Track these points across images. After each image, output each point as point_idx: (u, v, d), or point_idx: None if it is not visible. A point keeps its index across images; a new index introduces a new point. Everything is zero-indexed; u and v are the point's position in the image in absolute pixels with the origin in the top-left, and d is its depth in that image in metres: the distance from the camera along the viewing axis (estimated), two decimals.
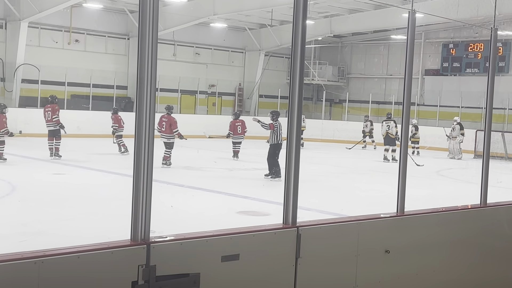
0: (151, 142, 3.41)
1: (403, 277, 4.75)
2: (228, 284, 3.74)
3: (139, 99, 3.39)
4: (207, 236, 3.69)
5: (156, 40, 3.40)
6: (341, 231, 4.39)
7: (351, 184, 14.80)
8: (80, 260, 3.18)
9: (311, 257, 4.12)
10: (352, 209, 9.83)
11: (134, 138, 3.41)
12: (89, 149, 19.52)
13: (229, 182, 14.22)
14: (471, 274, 5.31)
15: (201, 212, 10.05)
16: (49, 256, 3.11)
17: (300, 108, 4.08)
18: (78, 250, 3.22)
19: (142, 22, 3.36)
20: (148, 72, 3.38)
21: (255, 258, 3.86)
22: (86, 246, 3.29)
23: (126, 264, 3.33)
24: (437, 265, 5.02)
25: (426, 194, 12.32)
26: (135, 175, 3.39)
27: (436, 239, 5.05)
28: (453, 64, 31.08)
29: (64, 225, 8.62)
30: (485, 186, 5.64)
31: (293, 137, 4.06)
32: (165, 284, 3.44)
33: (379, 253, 4.56)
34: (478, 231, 5.46)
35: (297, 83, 4.07)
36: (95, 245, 3.31)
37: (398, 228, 4.80)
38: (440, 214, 5.23)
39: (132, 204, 3.39)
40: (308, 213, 8.30)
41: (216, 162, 17.85)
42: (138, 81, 3.39)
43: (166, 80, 27.29)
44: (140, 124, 3.38)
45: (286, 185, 4.07)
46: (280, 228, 4.05)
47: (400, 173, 4.87)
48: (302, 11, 4.04)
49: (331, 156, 22.05)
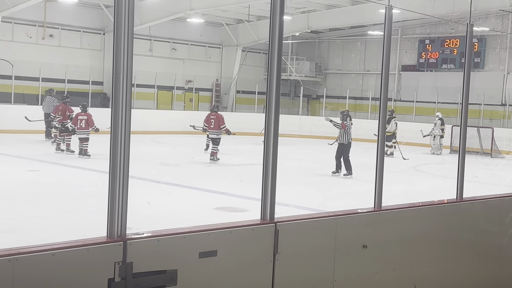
0: (127, 138, 3.39)
1: (381, 272, 4.79)
2: (206, 280, 3.73)
3: (115, 95, 3.36)
4: (184, 233, 3.68)
5: (132, 35, 3.37)
6: (319, 226, 4.40)
7: (329, 180, 14.86)
8: (55, 258, 3.15)
9: (289, 252, 4.13)
10: (329, 205, 9.89)
11: (110, 135, 3.38)
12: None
13: (207, 178, 14.18)
14: (448, 268, 5.37)
15: (178, 208, 10.02)
16: (23, 253, 3.08)
17: (277, 103, 4.08)
18: (53, 247, 3.18)
19: (118, 17, 3.33)
20: (124, 67, 3.35)
21: (233, 254, 3.86)
22: (61, 243, 3.26)
23: (102, 261, 3.31)
24: (414, 259, 5.07)
25: (403, 189, 12.41)
26: (111, 171, 3.37)
27: (413, 234, 5.10)
28: (430, 60, 31.37)
29: (39, 222, 8.53)
30: (461, 181, 5.70)
31: (270, 133, 4.06)
32: (142, 281, 3.42)
33: (357, 248, 4.59)
34: (454, 225, 5.52)
35: (274, 78, 4.07)
36: (71, 242, 3.29)
37: (375, 223, 4.83)
38: (417, 209, 5.28)
39: (108, 201, 3.37)
40: (286, 209, 8.32)
41: (193, 158, 17.80)
42: (114, 77, 3.36)
43: (143, 76, 27.10)
44: (116, 120, 3.36)
45: (264, 181, 4.07)
46: (258, 224, 4.06)
47: (377, 168, 4.91)
48: (279, 6, 4.04)
49: (309, 152, 22.11)
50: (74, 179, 13.25)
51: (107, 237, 3.37)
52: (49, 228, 8.12)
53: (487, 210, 5.83)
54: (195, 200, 11.19)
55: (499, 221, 5.89)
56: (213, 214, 9.54)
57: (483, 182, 13.44)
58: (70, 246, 3.24)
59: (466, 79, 5.73)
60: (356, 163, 15.32)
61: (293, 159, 17.92)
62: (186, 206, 10.32)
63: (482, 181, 13.40)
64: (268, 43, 4.10)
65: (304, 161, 18.99)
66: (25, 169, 13.84)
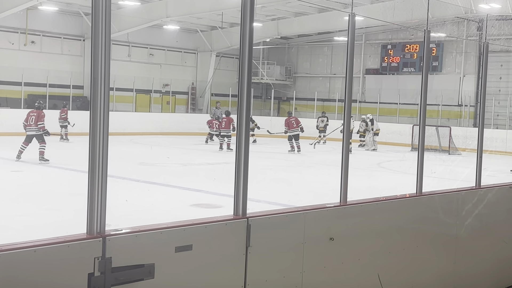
0: (106, 139, 3.36)
1: (346, 262, 4.82)
2: (182, 273, 3.72)
3: (93, 98, 3.33)
4: (161, 228, 3.65)
5: (109, 41, 3.34)
6: (289, 220, 4.41)
7: (298, 177, 14.92)
8: (37, 254, 3.11)
9: (260, 245, 4.13)
10: (298, 200, 9.92)
11: (89, 135, 3.35)
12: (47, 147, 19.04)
13: (183, 176, 14.13)
14: (409, 258, 5.43)
15: (156, 205, 9.96)
16: (6, 250, 3.03)
17: (248, 105, 4.08)
18: (34, 244, 3.14)
19: (95, 24, 3.30)
20: (101, 72, 3.32)
21: (207, 248, 3.85)
22: (43, 240, 3.22)
23: (82, 257, 3.27)
24: (377, 250, 5.11)
25: (367, 184, 12.52)
26: (90, 171, 3.33)
27: (376, 226, 5.14)
28: (391, 64, 31.69)
29: (21, 220, 8.41)
30: (421, 177, 5.75)
31: (242, 132, 4.06)
32: (120, 275, 3.39)
33: (324, 241, 4.61)
34: (415, 218, 5.58)
35: (245, 82, 4.07)
36: (52, 239, 3.24)
37: (341, 217, 4.86)
38: (380, 203, 5.32)
39: (87, 199, 3.33)
40: (257, 205, 8.33)
41: (169, 157, 17.72)
42: (92, 81, 3.33)
43: (122, 80, 26.88)
44: (94, 122, 3.33)
45: (236, 179, 4.07)
46: (231, 219, 4.05)
47: (342, 165, 4.94)
48: (249, 13, 4.04)
49: (279, 151, 22.17)
50: (55, 179, 13.08)
51: (87, 234, 3.34)
52: (31, 225, 8.01)
53: (445, 204, 5.90)
54: (172, 197, 11.14)
55: (456, 213, 5.97)
56: (189, 210, 9.50)
57: (441, 177, 13.62)
58: (51, 243, 3.20)
59: (424, 82, 5.79)
60: (323, 161, 15.40)
61: (264, 158, 17.96)
62: (163, 203, 10.26)
63: (440, 176, 13.57)
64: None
65: (275, 159, 19.03)
66: (9, 170, 13.62)
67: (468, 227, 6.07)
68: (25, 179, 12.66)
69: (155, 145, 21.06)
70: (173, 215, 8.30)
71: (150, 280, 3.52)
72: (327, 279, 4.66)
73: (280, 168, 16.66)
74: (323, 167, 14.88)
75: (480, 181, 6.51)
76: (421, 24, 22.68)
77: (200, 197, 10.93)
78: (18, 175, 13.08)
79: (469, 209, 6.13)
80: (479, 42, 27.93)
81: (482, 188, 6.44)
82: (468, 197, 6.16)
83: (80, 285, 3.26)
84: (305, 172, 16.06)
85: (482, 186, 6.52)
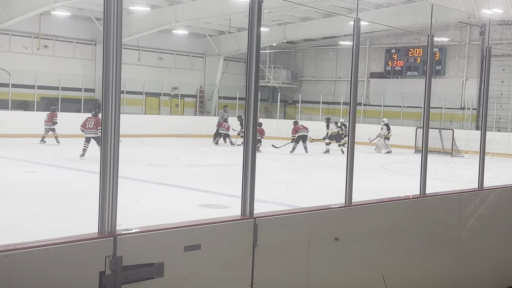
0: (117, 140, 3.37)
1: (351, 262, 4.81)
2: (191, 272, 3.72)
3: (105, 101, 3.35)
4: (170, 228, 3.66)
5: (120, 46, 3.35)
6: (295, 221, 4.41)
7: (304, 178, 14.90)
8: (50, 253, 3.12)
9: (267, 245, 4.13)
10: (304, 201, 9.90)
11: (101, 137, 3.37)
12: (59, 148, 19.15)
13: (191, 177, 14.14)
14: (412, 258, 5.41)
15: (165, 205, 9.97)
16: (20, 249, 3.04)
17: (256, 108, 4.08)
18: (48, 243, 3.15)
19: (107, 28, 3.31)
20: (113, 75, 3.34)
21: (215, 248, 3.86)
22: (56, 239, 3.23)
23: (94, 256, 3.28)
24: (382, 250, 5.10)
25: (371, 186, 12.48)
26: (101, 172, 3.35)
27: (380, 227, 5.13)
28: (395, 68, 31.60)
29: (35, 220, 8.44)
30: (424, 178, 5.74)
31: (249, 134, 4.06)
32: (131, 274, 3.41)
33: (329, 241, 4.61)
34: (418, 219, 5.56)
35: (252, 85, 4.08)
36: (64, 238, 3.26)
37: (346, 218, 4.85)
38: (384, 204, 5.31)
39: (99, 199, 3.35)
40: (264, 205, 8.32)
41: (178, 159, 17.74)
42: (103, 84, 3.34)
43: (132, 83, 26.96)
44: (106, 124, 3.34)
45: (243, 180, 4.07)
46: (238, 220, 4.06)
47: (348, 167, 4.93)
48: (256, 19, 4.05)
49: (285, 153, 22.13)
50: (67, 179, 13.12)
51: (98, 233, 3.35)
52: (44, 225, 8.03)
53: (448, 205, 5.88)
54: (180, 197, 11.14)
55: (458, 214, 5.95)
56: (197, 210, 9.50)
57: (444, 179, 13.56)
58: (64, 242, 3.21)
59: (427, 85, 5.78)
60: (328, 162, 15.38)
61: (271, 159, 17.95)
62: (172, 204, 10.27)
63: (443, 178, 13.51)
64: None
65: (282, 161, 19.02)
66: (22, 171, 13.68)
67: (471, 228, 6.05)
68: (38, 179, 12.70)
69: (164, 146, 21.09)
70: (182, 215, 8.30)
71: (159, 279, 3.53)
72: (332, 278, 4.66)
73: (287, 170, 16.64)
74: (329, 169, 14.84)
75: (482, 182, 6.49)
76: (424, 29, 22.58)
77: (208, 198, 10.93)
78: (31, 175, 13.13)
79: (472, 210, 6.10)
80: (482, 46, 27.82)
81: (485, 190, 6.41)
82: (470, 199, 6.13)
83: (92, 283, 3.27)
84: (311, 173, 16.03)
85: (485, 187, 6.49)
